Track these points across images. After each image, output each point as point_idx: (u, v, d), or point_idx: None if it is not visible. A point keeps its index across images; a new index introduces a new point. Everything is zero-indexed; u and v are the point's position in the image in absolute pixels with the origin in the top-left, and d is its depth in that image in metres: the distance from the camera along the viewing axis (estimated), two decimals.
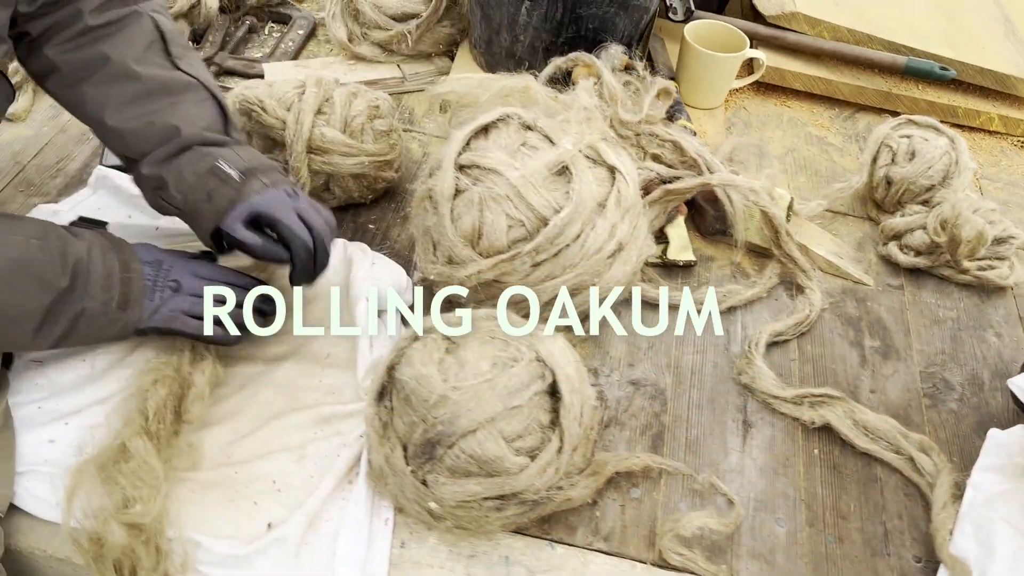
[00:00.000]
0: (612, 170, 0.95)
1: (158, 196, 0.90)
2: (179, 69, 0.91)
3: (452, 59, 1.43)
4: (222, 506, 0.81)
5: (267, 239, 0.87)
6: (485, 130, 0.95)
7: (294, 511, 0.80)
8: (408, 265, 1.04)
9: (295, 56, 1.46)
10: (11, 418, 0.85)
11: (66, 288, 0.77)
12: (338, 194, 1.13)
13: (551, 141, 0.93)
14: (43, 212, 1.06)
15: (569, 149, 0.91)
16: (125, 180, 1.11)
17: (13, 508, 0.81)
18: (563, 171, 0.91)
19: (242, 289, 0.89)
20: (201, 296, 0.86)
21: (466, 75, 1.01)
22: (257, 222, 0.87)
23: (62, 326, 0.78)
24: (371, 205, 1.18)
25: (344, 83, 1.14)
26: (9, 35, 0.85)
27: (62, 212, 1.06)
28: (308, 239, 0.87)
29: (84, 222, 0.99)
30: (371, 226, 1.15)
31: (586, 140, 0.93)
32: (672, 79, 1.39)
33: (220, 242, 0.90)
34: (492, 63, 1.34)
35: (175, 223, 1.05)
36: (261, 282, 0.92)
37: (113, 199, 1.10)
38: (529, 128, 0.95)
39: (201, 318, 0.86)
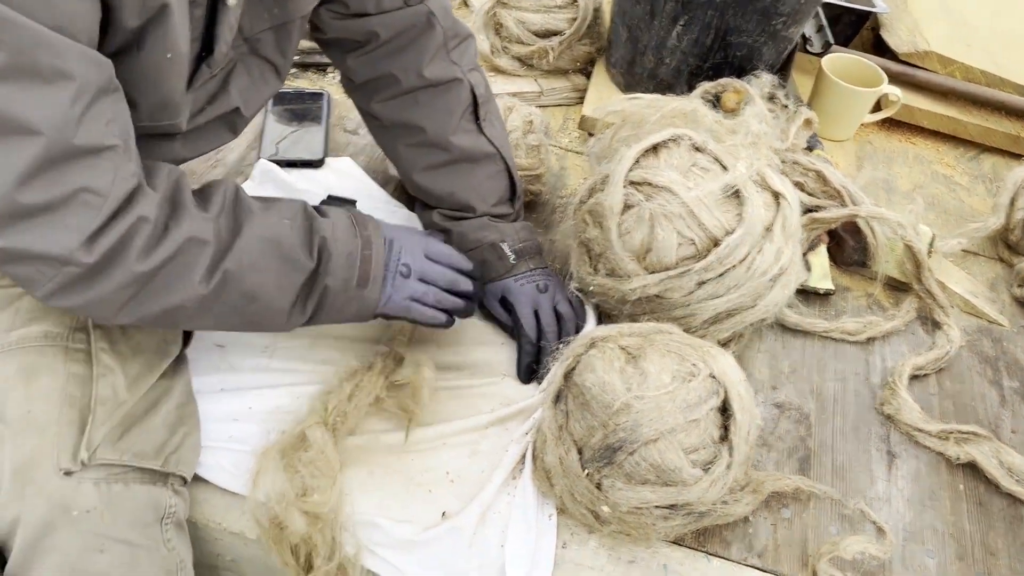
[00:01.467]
0: (777, 196, 0.97)
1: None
2: (483, 133, 0.99)
3: (587, 77, 1.47)
4: (399, 492, 0.85)
5: (510, 319, 1.00)
6: (655, 149, 0.98)
7: (468, 502, 0.84)
8: (563, 276, 1.07)
9: None
10: (193, 396, 0.90)
11: (314, 268, 0.79)
12: None
13: (721, 164, 0.96)
14: None
15: (743, 173, 0.93)
16: (288, 175, 1.17)
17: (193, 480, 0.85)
18: (734, 194, 0.94)
19: (462, 274, 0.92)
20: (430, 283, 0.88)
21: (637, 95, 1.05)
22: (505, 300, 1.00)
23: (311, 305, 0.81)
24: None
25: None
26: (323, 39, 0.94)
27: None
28: (533, 338, 0.98)
29: (333, 200, 1.05)
30: None
31: (755, 166, 0.96)
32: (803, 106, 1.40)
33: None
34: (631, 83, 1.37)
35: None
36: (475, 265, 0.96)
37: (277, 193, 1.15)
38: (699, 150, 0.97)
39: (430, 305, 0.88)
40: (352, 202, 1.06)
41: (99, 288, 0.66)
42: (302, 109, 1.30)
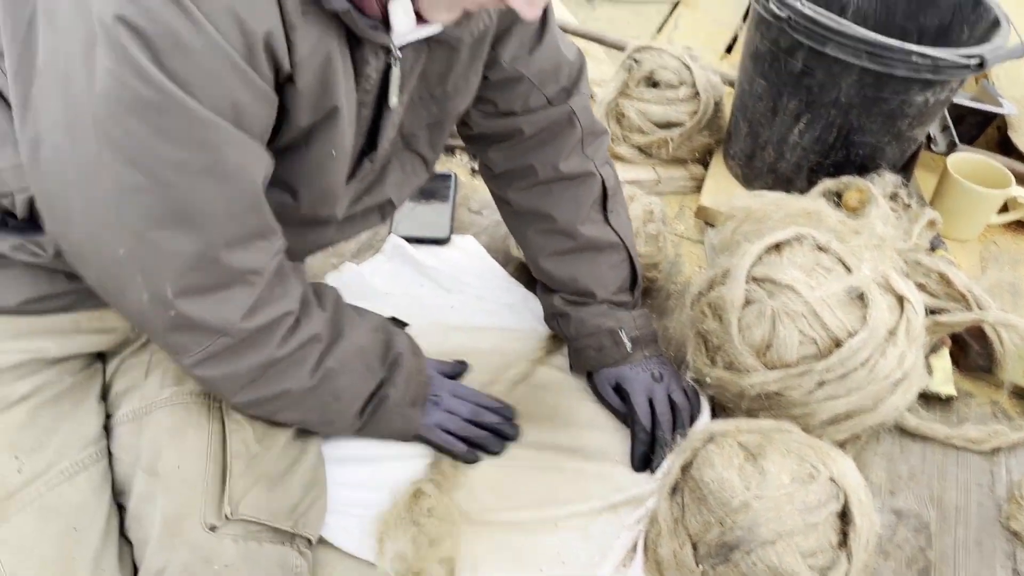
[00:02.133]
0: (901, 299, 0.97)
1: (555, 320, 1.07)
2: (610, 224, 1.04)
3: (705, 167, 1.50)
4: (510, 569, 0.87)
5: (624, 405, 1.02)
6: (778, 247, 1.00)
7: None
8: (678, 363, 1.08)
9: None
10: (323, 460, 0.95)
11: (384, 378, 0.87)
12: None
13: (845, 264, 0.97)
14: (350, 272, 1.18)
15: (867, 276, 0.94)
16: (418, 252, 1.23)
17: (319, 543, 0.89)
18: (858, 296, 0.94)
19: (490, 412, 0.98)
20: (456, 414, 0.96)
21: (760, 193, 1.07)
22: (620, 387, 1.02)
23: (369, 412, 0.88)
24: None
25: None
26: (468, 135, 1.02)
27: (365, 274, 1.19)
28: (648, 426, 1.00)
29: (392, 321, 1.09)
30: None
31: (880, 268, 0.96)
32: (926, 206, 1.39)
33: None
34: (750, 176, 1.39)
35: (469, 303, 1.16)
36: (505, 405, 1.01)
37: (406, 267, 1.22)
38: (822, 249, 0.99)
39: (454, 434, 0.95)
40: (404, 324, 1.11)
41: (238, 363, 0.74)
42: (431, 188, 1.38)
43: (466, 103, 0.90)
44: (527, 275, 1.20)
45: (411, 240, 1.26)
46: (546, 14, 0.93)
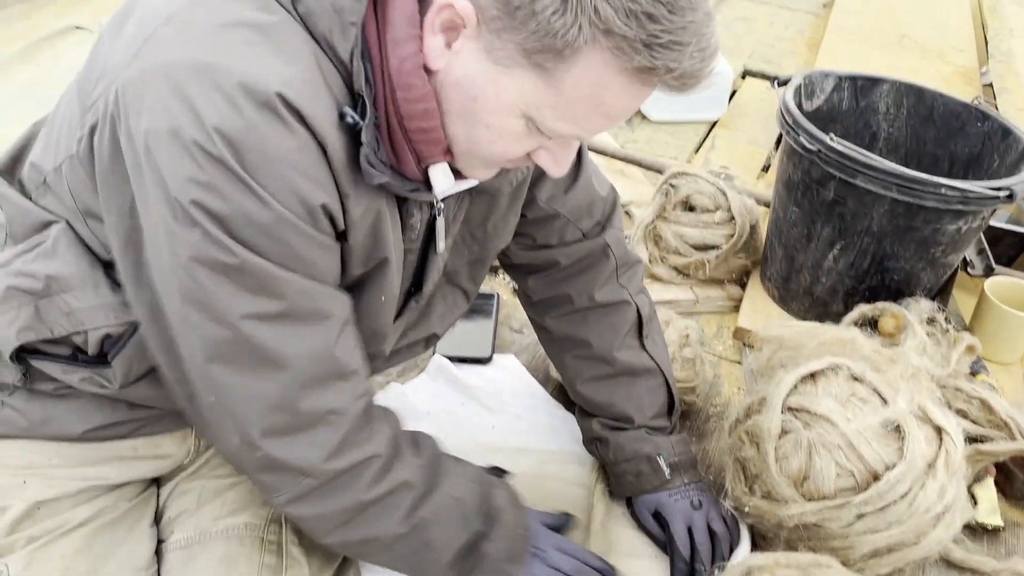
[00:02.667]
0: (939, 431, 0.97)
1: (594, 444, 1.09)
2: (645, 350, 1.07)
3: (742, 287, 1.53)
4: None
5: (663, 533, 1.02)
6: (813, 376, 1.01)
7: None
8: (717, 489, 1.09)
9: None
10: None
11: (480, 531, 0.84)
12: None
13: (880, 395, 0.98)
14: (393, 393, 1.22)
15: (903, 408, 0.95)
16: (461, 372, 1.27)
17: None
18: (895, 428, 0.95)
19: (593, 571, 0.94)
20: (558, 570, 0.91)
21: (796, 323, 1.10)
22: (659, 514, 1.03)
23: (467, 567, 0.84)
24: None
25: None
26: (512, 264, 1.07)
27: (408, 393, 1.22)
28: (687, 556, 0.99)
29: (495, 470, 1.09)
30: None
31: (916, 399, 0.97)
32: (964, 329, 1.40)
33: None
34: (787, 298, 1.42)
35: (510, 423, 1.18)
36: (609, 566, 0.96)
37: (449, 388, 1.25)
38: (857, 380, 1.00)
39: None
40: (505, 472, 1.10)
41: (327, 504, 0.75)
42: (474, 306, 1.41)
43: (506, 242, 0.95)
44: (567, 396, 1.22)
45: (454, 359, 1.30)
46: (580, 154, 0.99)
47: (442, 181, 0.72)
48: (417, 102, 0.66)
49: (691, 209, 1.52)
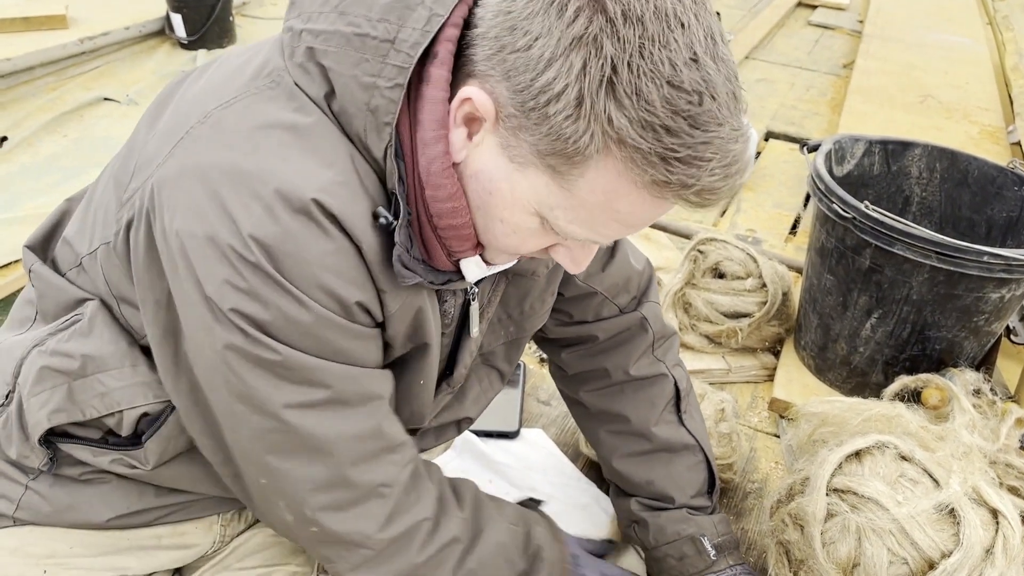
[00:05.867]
0: (995, 513, 0.92)
1: (633, 528, 1.04)
2: (684, 425, 1.04)
3: (776, 355, 1.49)
4: None
5: None
6: (858, 455, 0.97)
7: None
8: (756, 567, 1.04)
9: None
10: None
11: (524, 570, 0.84)
12: None
13: (931, 476, 0.93)
14: None
15: (957, 490, 0.90)
16: (487, 447, 1.24)
17: None
18: (949, 512, 0.90)
19: None
20: None
21: (838, 398, 1.06)
22: None
23: None
24: None
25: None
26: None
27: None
28: None
29: (529, 502, 1.08)
30: None
31: (969, 480, 0.92)
32: (1010, 399, 1.35)
33: None
34: (823, 367, 1.38)
35: (542, 507, 1.14)
36: None
37: (476, 464, 1.21)
38: (906, 459, 0.95)
39: None
40: (541, 502, 1.09)
41: (382, 571, 0.74)
42: None
43: (543, 321, 0.92)
44: (597, 471, 1.18)
45: (480, 434, 1.27)
46: None
47: (474, 271, 0.72)
48: (446, 201, 0.65)
49: (721, 276, 1.49)
